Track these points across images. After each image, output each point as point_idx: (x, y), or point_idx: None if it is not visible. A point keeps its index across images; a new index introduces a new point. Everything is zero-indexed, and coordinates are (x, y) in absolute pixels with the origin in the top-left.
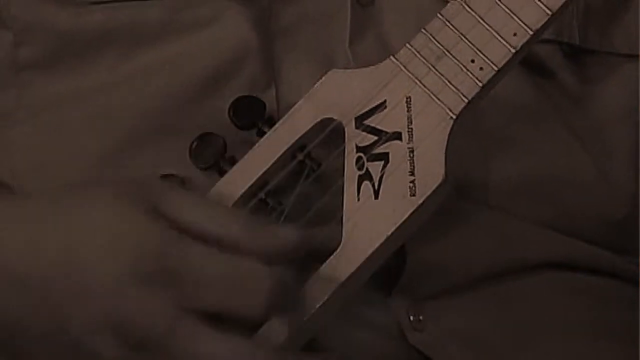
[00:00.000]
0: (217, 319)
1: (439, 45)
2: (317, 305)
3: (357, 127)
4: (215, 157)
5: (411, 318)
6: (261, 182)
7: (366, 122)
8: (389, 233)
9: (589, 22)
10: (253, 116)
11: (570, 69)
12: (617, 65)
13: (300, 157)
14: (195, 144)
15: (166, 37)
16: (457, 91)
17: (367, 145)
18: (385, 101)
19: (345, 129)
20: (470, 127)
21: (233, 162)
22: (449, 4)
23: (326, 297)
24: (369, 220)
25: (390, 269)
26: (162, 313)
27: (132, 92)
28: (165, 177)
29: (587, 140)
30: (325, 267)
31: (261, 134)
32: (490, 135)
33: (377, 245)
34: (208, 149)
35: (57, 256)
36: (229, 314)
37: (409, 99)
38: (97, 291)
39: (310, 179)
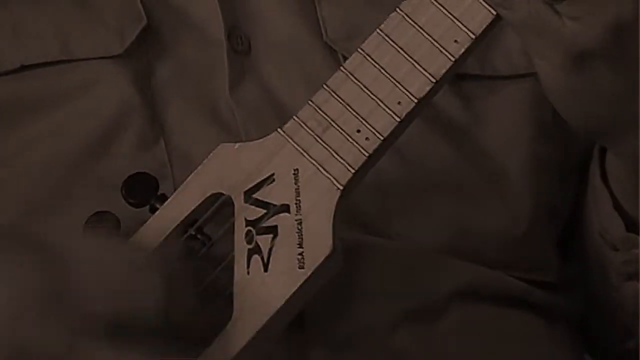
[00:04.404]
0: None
1: (324, 116)
2: None
3: (245, 201)
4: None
5: None
6: None
7: (255, 195)
8: (278, 307)
9: None
10: (145, 194)
11: (454, 97)
12: (499, 88)
13: (191, 231)
14: (88, 223)
15: (49, 105)
16: (343, 162)
17: (256, 219)
18: (273, 174)
19: (235, 203)
20: None
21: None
22: (335, 74)
23: None
24: (259, 293)
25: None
26: (56, 338)
27: (22, 163)
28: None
29: (479, 163)
30: (216, 343)
31: (154, 210)
32: (381, 169)
33: (266, 319)
34: (101, 227)
35: None
36: (128, 320)
37: (296, 171)
38: None
39: (201, 253)
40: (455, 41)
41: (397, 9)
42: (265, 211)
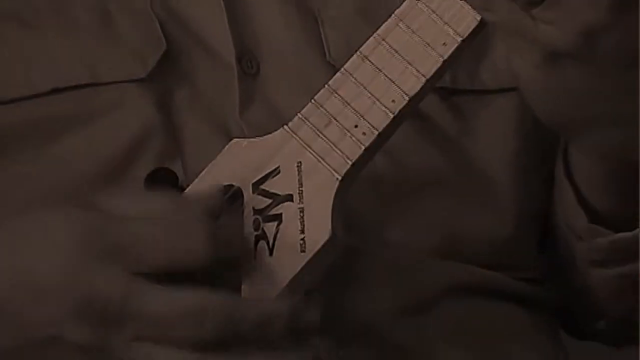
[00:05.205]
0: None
1: (326, 112)
2: None
3: (254, 192)
4: None
5: None
6: None
7: (262, 186)
8: (282, 287)
9: None
10: (166, 187)
11: (447, 111)
12: (488, 101)
13: None
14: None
15: (77, 125)
16: (342, 154)
17: (263, 208)
18: (278, 167)
19: (244, 194)
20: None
21: None
22: (336, 75)
23: None
24: (265, 276)
25: None
26: (113, 284)
27: (53, 180)
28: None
29: (469, 172)
30: None
31: None
32: (379, 178)
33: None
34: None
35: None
36: (178, 267)
37: (299, 164)
38: (50, 287)
39: None
40: (444, 44)
41: (393, 15)
42: (271, 200)
